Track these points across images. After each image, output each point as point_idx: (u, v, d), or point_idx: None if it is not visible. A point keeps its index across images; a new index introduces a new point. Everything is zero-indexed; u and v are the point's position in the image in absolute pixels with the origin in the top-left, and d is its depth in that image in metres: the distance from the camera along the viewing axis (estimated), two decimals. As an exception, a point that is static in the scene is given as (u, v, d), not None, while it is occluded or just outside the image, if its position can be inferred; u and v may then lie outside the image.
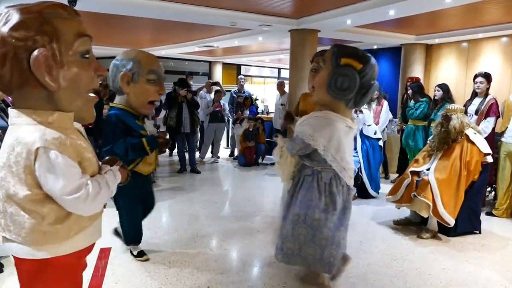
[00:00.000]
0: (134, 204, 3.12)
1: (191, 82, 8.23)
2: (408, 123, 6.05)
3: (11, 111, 1.31)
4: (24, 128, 1.27)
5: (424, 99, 5.93)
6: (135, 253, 3.28)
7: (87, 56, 1.35)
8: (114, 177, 1.47)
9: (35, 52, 1.21)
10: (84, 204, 1.31)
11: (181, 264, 3.23)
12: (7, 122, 4.08)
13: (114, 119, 2.84)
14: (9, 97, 4.03)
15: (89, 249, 1.49)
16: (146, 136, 2.89)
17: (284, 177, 2.92)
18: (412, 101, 6.07)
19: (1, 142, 2.82)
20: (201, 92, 8.04)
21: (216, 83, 8.37)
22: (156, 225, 4.10)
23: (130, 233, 3.25)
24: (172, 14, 6.12)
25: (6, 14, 1.23)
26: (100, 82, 6.09)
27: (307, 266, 2.84)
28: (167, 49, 11.45)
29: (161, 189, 5.67)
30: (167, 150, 7.84)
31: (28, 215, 1.28)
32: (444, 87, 5.66)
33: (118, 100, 2.98)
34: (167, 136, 3.12)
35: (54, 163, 1.25)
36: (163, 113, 7.97)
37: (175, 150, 7.49)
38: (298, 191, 2.80)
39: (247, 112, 8.23)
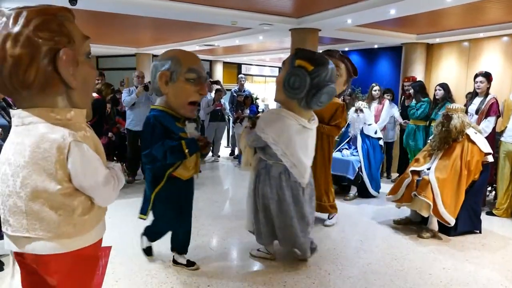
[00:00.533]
0: (169, 210, 2.93)
1: None
2: (409, 122, 6.05)
3: (21, 112, 1.32)
4: (45, 126, 1.30)
5: (426, 99, 5.92)
6: (143, 246, 3.22)
7: (90, 56, 1.43)
8: (120, 172, 1.56)
9: (61, 51, 1.26)
10: (113, 192, 1.43)
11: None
12: (8, 121, 4.05)
13: (152, 121, 2.69)
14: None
15: (100, 242, 1.56)
16: (185, 138, 2.72)
17: (243, 164, 3.30)
18: (414, 101, 6.06)
19: (1, 141, 2.83)
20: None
21: (217, 82, 8.37)
22: (156, 224, 4.10)
23: (152, 230, 3.15)
24: (173, 13, 6.12)
25: (21, 15, 1.24)
26: (99, 81, 6.08)
27: (286, 246, 3.24)
28: (167, 48, 11.44)
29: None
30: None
31: (59, 209, 1.32)
32: (445, 87, 5.66)
33: (158, 102, 2.82)
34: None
35: (88, 156, 1.32)
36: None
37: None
38: (258, 184, 3.13)
39: (247, 111, 8.23)
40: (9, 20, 1.23)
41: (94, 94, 1.55)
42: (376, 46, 9.67)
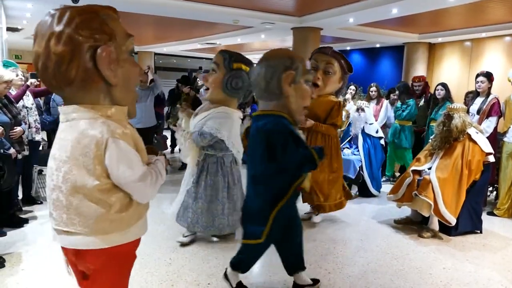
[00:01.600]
0: (280, 229, 2.56)
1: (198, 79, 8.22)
2: (395, 122, 6.04)
3: (66, 108, 1.38)
4: (85, 122, 1.35)
5: (411, 100, 5.88)
6: (233, 284, 2.74)
7: (133, 54, 1.46)
8: (163, 165, 1.59)
9: (100, 49, 1.31)
10: (150, 189, 1.45)
11: (182, 261, 3.24)
12: (9, 118, 4.04)
13: (285, 130, 2.38)
14: (11, 93, 4.02)
15: (139, 241, 1.58)
16: (314, 147, 2.50)
17: (192, 163, 3.45)
18: (399, 102, 6.03)
19: (3, 139, 2.82)
20: (202, 90, 8.02)
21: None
22: (157, 222, 4.11)
23: (244, 258, 2.73)
24: (175, 11, 6.13)
25: (65, 15, 1.30)
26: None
27: (219, 233, 3.53)
28: (169, 46, 11.47)
29: (162, 186, 5.67)
30: (169, 147, 7.85)
31: (96, 204, 1.36)
32: (446, 86, 5.65)
33: (272, 106, 2.47)
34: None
35: (124, 152, 1.35)
36: (164, 110, 7.98)
37: (177, 147, 7.50)
38: (204, 177, 3.41)
39: (248, 110, 8.23)
40: (54, 20, 1.30)
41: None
42: (378, 45, 9.68)
